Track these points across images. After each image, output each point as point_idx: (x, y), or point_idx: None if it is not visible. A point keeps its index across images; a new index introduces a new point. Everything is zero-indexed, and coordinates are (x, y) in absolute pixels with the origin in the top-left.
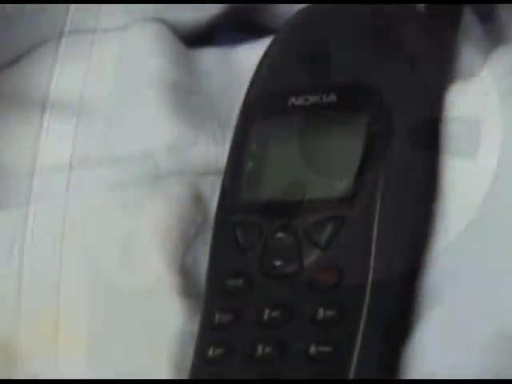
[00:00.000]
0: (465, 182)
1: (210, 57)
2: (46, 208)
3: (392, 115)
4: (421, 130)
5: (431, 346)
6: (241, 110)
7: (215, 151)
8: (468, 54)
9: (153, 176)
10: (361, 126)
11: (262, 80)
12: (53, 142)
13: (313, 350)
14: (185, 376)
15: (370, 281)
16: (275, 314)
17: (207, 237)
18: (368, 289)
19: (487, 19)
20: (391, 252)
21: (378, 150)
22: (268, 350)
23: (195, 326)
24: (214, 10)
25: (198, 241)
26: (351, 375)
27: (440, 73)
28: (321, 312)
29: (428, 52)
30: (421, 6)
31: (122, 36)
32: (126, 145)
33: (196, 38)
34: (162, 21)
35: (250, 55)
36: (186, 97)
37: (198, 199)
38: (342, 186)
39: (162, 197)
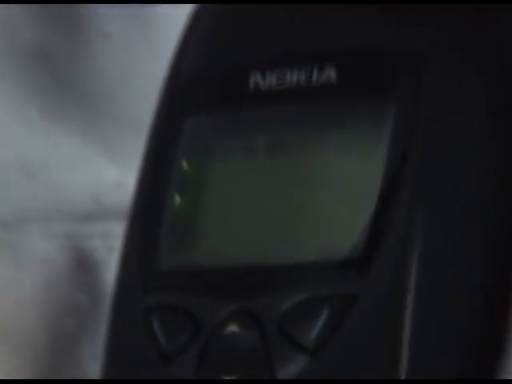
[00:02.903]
0: None
1: (109, 15)
2: None
3: (441, 105)
4: (493, 133)
5: None
6: (161, 102)
7: (113, 177)
8: None
9: None
10: (382, 126)
11: (200, 45)
12: None
13: None
14: None
15: None
16: None
17: (99, 332)
18: None
19: None
20: (436, 359)
21: (414, 170)
22: None
23: None
24: None
25: (84, 340)
26: None
27: None
28: None
29: None
30: None
31: None
32: None
33: None
34: None
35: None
36: (66, 80)
37: (82, 264)
38: (347, 240)
39: (18, 262)
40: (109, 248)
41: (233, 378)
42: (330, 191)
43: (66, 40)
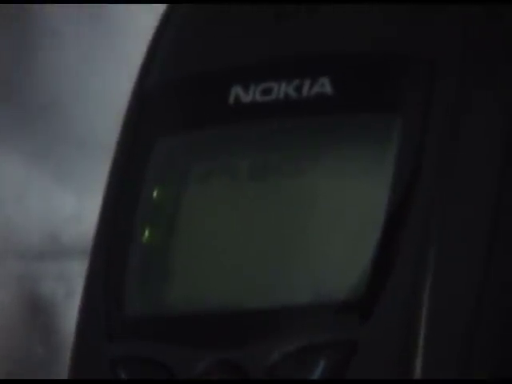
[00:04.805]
0: None
1: (63, 16)
2: None
3: (453, 118)
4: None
5: None
6: (127, 118)
7: (70, 208)
8: None
9: None
10: (387, 142)
11: (171, 52)
12: None
13: None
14: None
15: None
16: None
17: None
18: None
19: None
20: None
21: (425, 194)
22: None
23: None
24: None
25: None
26: None
27: None
28: None
29: None
30: None
31: None
32: None
33: None
34: None
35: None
36: (9, 91)
37: (35, 310)
38: (346, 278)
39: None
40: (67, 291)
41: None
42: (326, 221)
43: (11, 43)
